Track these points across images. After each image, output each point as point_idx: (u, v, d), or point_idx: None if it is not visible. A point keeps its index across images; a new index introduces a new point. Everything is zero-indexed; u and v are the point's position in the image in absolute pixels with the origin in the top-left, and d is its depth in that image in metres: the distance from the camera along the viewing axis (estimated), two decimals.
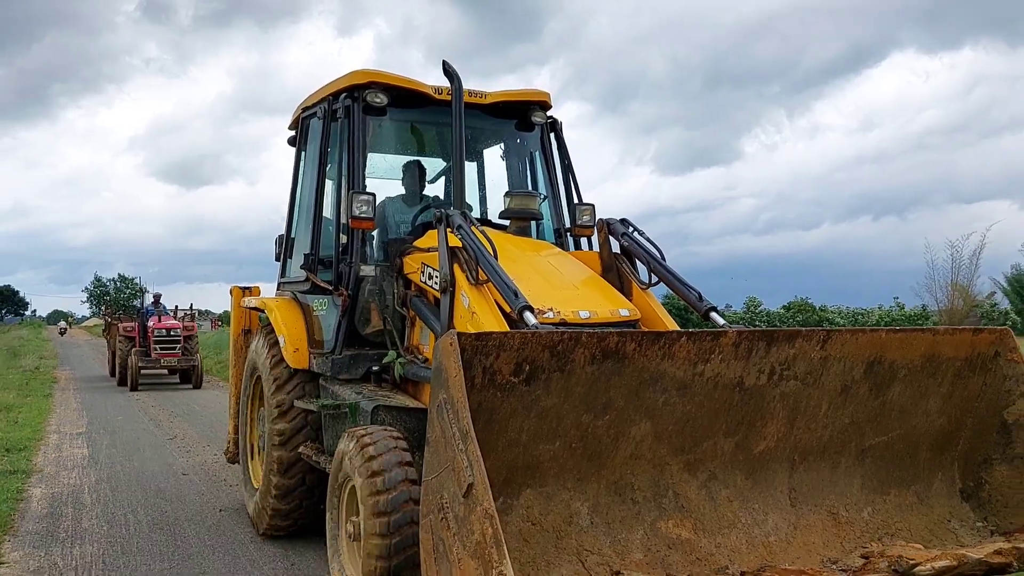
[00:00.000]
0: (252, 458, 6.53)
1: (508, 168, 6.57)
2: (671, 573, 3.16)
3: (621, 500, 3.34)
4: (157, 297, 21.04)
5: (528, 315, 4.00)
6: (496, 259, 4.38)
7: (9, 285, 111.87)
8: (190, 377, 19.07)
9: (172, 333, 18.99)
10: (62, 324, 71.26)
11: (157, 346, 18.70)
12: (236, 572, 5.36)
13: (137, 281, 68.09)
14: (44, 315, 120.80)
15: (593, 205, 6.03)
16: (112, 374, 21.40)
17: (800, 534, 3.58)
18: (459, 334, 2.84)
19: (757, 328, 3.42)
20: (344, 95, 5.60)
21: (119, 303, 60.92)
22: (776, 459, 3.64)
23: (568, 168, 6.23)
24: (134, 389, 17.84)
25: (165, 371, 19.82)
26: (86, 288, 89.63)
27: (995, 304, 32.55)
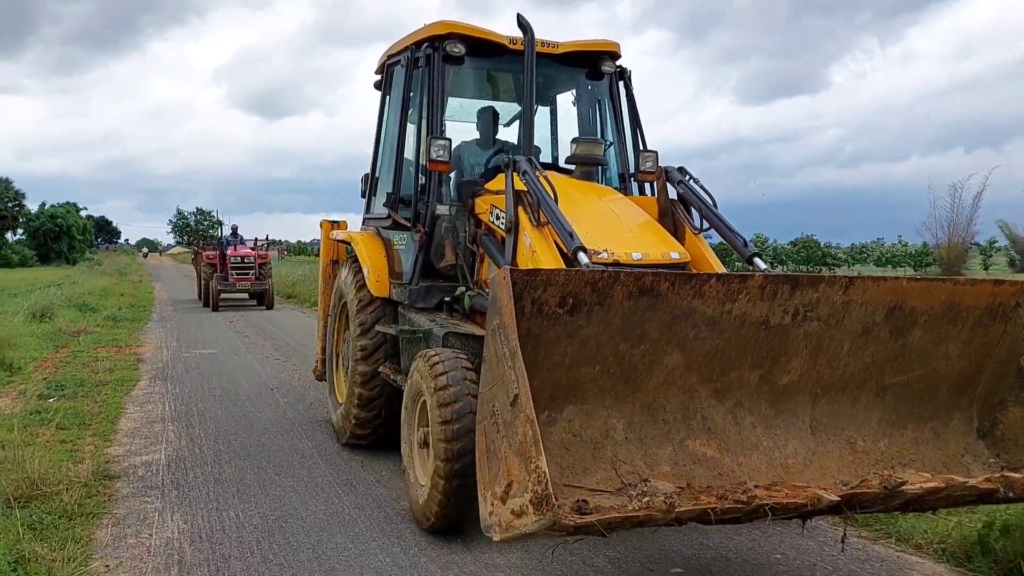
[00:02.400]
0: (337, 376, 7.24)
1: (578, 114, 6.94)
2: (693, 483, 3.62)
3: (653, 420, 3.81)
4: (235, 228, 23.15)
5: (581, 255, 4.45)
6: (556, 203, 4.81)
7: (104, 216, 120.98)
8: (264, 299, 21.23)
9: (246, 260, 21.04)
10: (144, 250, 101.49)
11: (233, 272, 20.81)
12: None
13: (214, 213, 71.95)
14: (134, 243, 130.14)
15: (656, 152, 6.35)
16: (200, 298, 23.63)
17: (818, 459, 3.98)
18: (512, 269, 3.32)
19: (783, 272, 3.77)
20: (425, 45, 6.04)
21: (199, 233, 64.23)
22: (799, 391, 4.02)
23: (635, 115, 6.55)
24: (215, 309, 20.27)
25: (243, 294, 21.85)
26: (170, 220, 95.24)
27: (994, 242, 32.88)
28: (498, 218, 5.35)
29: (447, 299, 5.80)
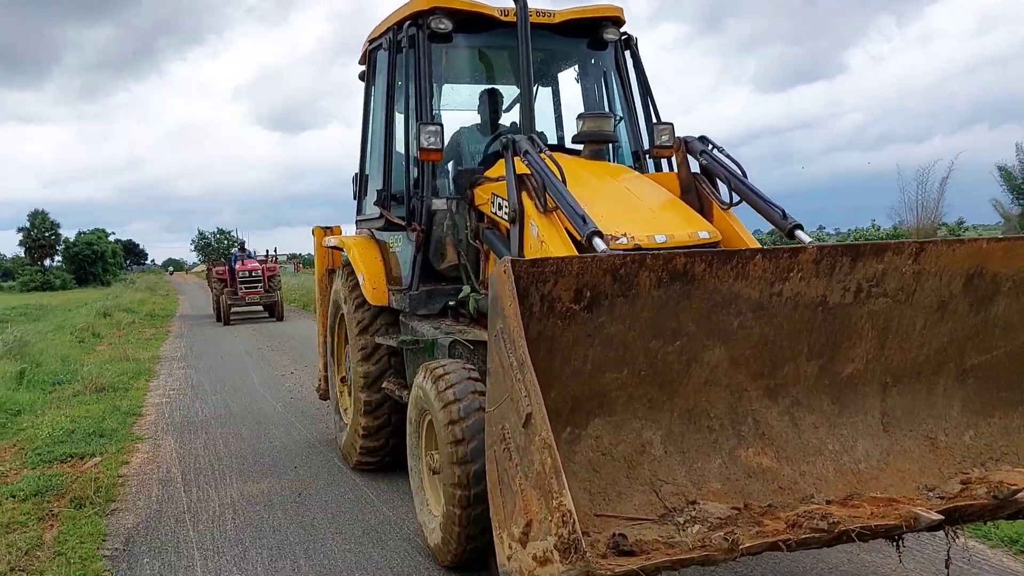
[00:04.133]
0: (341, 394, 6.67)
1: (583, 90, 6.33)
2: (751, 502, 3.01)
3: (696, 428, 3.20)
4: (242, 244, 24.01)
5: (597, 241, 3.84)
6: (565, 184, 4.21)
7: (131, 239, 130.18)
8: (274, 311, 21.58)
9: (254, 274, 21.25)
10: (171, 269, 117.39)
11: (243, 286, 21.07)
12: None
13: (233, 233, 76.03)
14: (160, 263, 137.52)
15: (672, 124, 5.74)
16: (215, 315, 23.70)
17: (894, 460, 3.36)
18: (513, 260, 2.72)
19: (841, 244, 3.17)
20: (408, 23, 5.46)
21: (220, 252, 66.25)
22: (866, 382, 3.40)
23: (645, 86, 5.94)
24: (226, 323, 20.80)
25: (254, 307, 22.19)
26: (192, 240, 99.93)
27: (962, 222, 33.95)
28: (500, 208, 4.76)
29: (451, 304, 5.22)
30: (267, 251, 24.64)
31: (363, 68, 6.59)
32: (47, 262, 77.19)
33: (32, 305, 33.29)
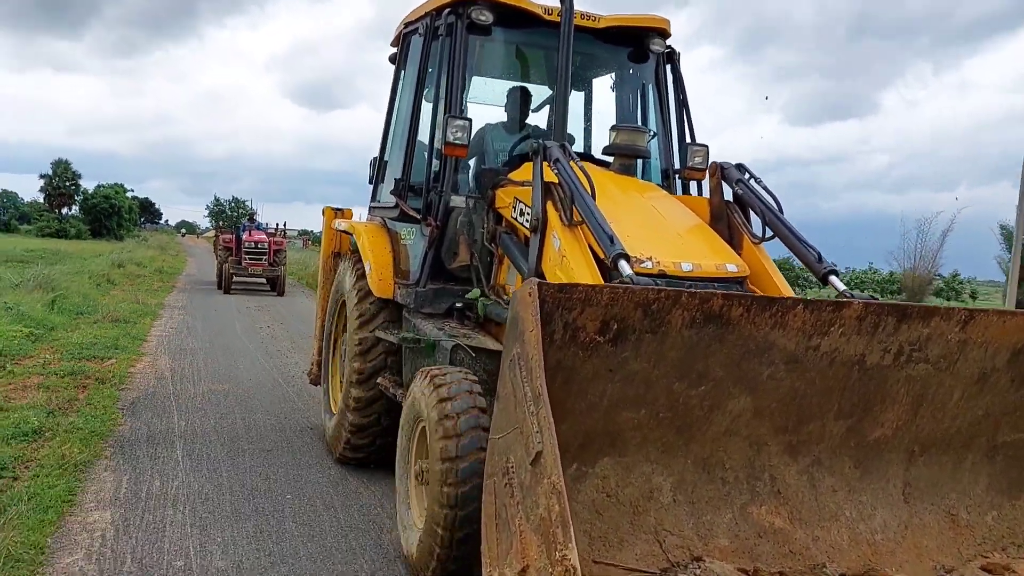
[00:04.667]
0: (332, 382, 6.46)
1: (617, 100, 6.10)
2: (759, 567, 2.81)
3: (709, 479, 3.00)
4: (252, 214, 23.62)
5: (623, 264, 3.62)
6: (594, 199, 4.01)
7: (147, 197, 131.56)
8: (276, 285, 21.08)
9: (259, 246, 20.79)
10: (183, 231, 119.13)
11: (247, 256, 20.65)
12: None
13: (248, 203, 77.10)
14: (173, 224, 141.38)
15: (707, 147, 5.52)
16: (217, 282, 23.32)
17: (912, 534, 3.16)
18: (540, 283, 2.52)
19: (888, 301, 2.97)
20: (448, 11, 5.24)
21: (232, 220, 66.59)
22: (892, 448, 3.21)
23: (683, 104, 5.72)
24: (227, 292, 20.33)
25: (257, 279, 21.75)
26: (207, 206, 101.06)
27: (956, 274, 34.96)
28: (522, 214, 4.54)
29: (458, 305, 5.00)
30: (276, 224, 24.11)
31: (395, 50, 6.37)
32: (64, 211, 79.24)
33: (49, 250, 35.71)
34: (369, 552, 4.39)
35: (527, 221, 4.40)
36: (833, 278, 4.05)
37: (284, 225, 25.01)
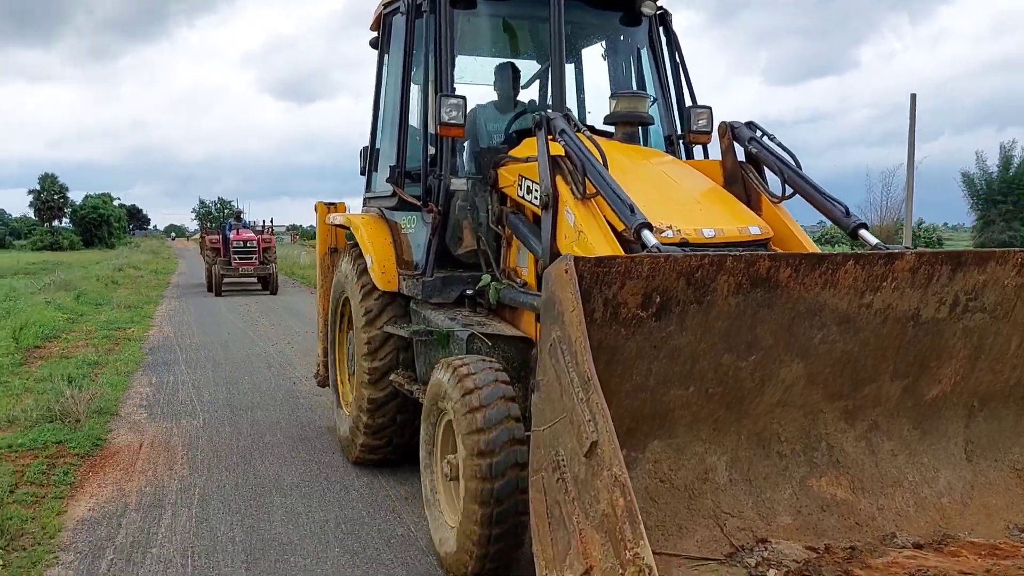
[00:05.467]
0: (341, 382, 6.25)
1: (611, 68, 5.88)
2: (829, 542, 2.64)
3: (765, 453, 2.82)
4: (238, 213, 23.05)
5: (647, 234, 3.42)
6: (607, 168, 3.80)
7: (134, 204, 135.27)
8: (268, 284, 20.57)
9: (248, 244, 20.19)
10: (172, 235, 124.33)
11: (236, 256, 20.06)
12: None
13: (234, 203, 77.57)
14: (162, 229, 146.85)
15: (710, 108, 5.31)
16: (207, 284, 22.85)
17: (978, 494, 3.00)
18: (576, 259, 2.32)
19: (941, 250, 2.79)
20: None
21: (218, 220, 66.32)
22: (951, 405, 3.03)
23: (680, 67, 5.51)
24: (218, 294, 19.81)
25: (247, 279, 21.19)
26: (194, 209, 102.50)
27: (921, 222, 36.50)
28: (529, 191, 4.33)
29: (469, 292, 4.79)
30: (263, 221, 23.35)
31: (375, 35, 6.12)
32: (55, 223, 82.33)
33: (50, 261, 38.41)
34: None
35: (535, 198, 4.19)
36: (864, 232, 3.86)
37: (271, 222, 24.14)
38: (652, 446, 2.69)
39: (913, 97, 24.40)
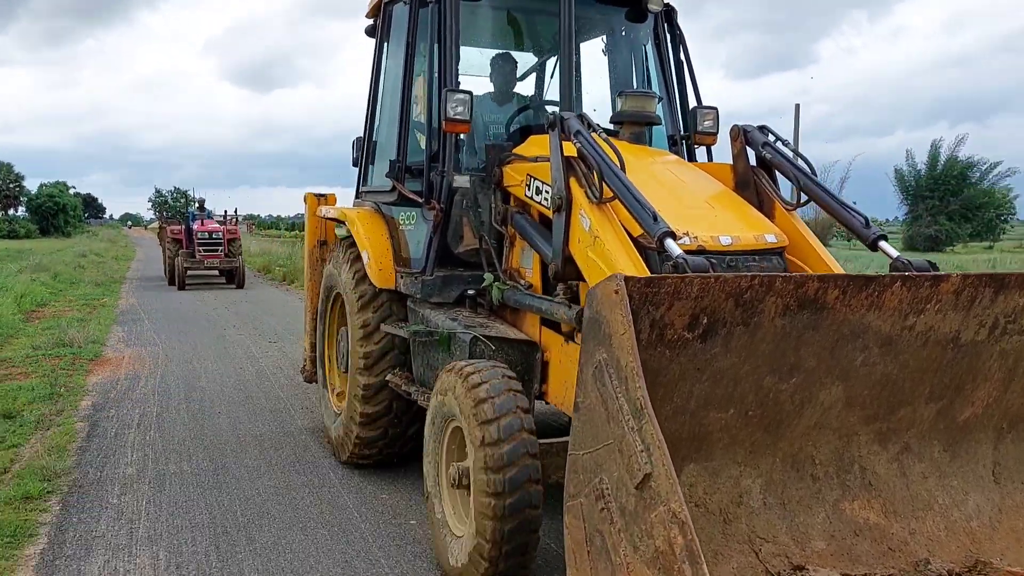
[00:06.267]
0: (331, 378, 6.09)
1: (612, 65, 5.77)
2: (865, 570, 2.58)
3: (799, 476, 2.75)
4: (201, 202, 21.70)
5: (670, 243, 3.32)
6: (624, 172, 3.69)
7: (90, 193, 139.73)
8: (234, 277, 19.61)
9: (214, 236, 19.34)
10: (129, 223, 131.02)
11: (201, 248, 19.15)
12: None
13: (191, 193, 76.88)
14: (117, 218, 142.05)
15: (716, 109, 5.24)
16: (166, 275, 21.93)
17: (1007, 517, 2.96)
18: (627, 278, 2.21)
19: (985, 272, 2.73)
20: None
21: (175, 211, 65.09)
22: (981, 428, 2.99)
23: (686, 65, 5.42)
24: (181, 288, 18.80)
25: (211, 272, 20.24)
26: (150, 198, 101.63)
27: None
28: (539, 192, 4.21)
29: (471, 292, 4.67)
30: (226, 212, 22.17)
31: (371, 22, 5.94)
32: (10, 212, 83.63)
33: (12, 249, 40.73)
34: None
35: (545, 200, 4.08)
36: (884, 244, 3.79)
37: (235, 212, 22.75)
38: (688, 469, 2.61)
39: (797, 107, 25.88)
